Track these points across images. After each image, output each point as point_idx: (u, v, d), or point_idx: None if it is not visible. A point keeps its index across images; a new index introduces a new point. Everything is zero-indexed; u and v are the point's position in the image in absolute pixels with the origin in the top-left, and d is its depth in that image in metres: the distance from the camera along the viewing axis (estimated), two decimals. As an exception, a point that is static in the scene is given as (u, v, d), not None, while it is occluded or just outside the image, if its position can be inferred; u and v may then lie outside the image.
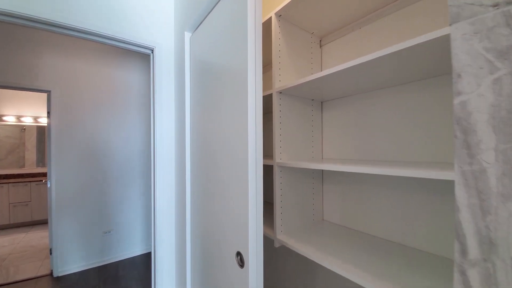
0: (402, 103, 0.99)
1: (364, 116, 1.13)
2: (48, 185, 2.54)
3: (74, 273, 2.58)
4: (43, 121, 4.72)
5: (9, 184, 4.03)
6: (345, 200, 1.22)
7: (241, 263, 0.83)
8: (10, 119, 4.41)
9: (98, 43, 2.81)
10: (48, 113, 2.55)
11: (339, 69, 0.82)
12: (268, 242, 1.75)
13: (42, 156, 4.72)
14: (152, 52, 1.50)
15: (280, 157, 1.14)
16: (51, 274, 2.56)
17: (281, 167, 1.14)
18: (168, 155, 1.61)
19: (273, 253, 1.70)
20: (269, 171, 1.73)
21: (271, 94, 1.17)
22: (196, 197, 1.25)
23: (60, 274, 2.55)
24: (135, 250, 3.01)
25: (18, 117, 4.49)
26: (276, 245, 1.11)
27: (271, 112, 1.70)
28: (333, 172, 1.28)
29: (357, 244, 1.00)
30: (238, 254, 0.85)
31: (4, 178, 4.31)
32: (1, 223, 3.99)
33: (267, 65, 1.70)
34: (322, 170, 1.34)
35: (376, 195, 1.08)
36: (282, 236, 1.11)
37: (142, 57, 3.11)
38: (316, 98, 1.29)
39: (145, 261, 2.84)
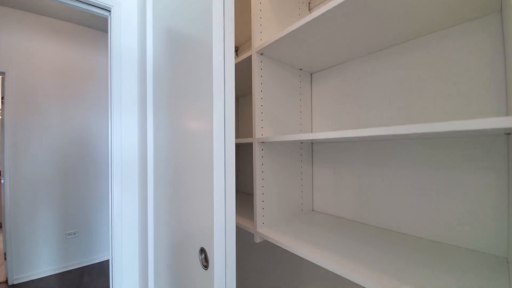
0: (414, 61, 0.81)
1: (363, 85, 0.95)
2: (2, 182, 2.21)
3: (32, 281, 2.26)
4: None
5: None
6: (340, 186, 1.04)
7: (206, 263, 0.62)
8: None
9: (60, 22, 2.50)
10: (2, 98, 2.23)
11: (333, 5, 0.63)
12: (248, 237, 1.55)
13: None
14: (109, 14, 1.25)
15: (262, 132, 0.93)
16: (6, 281, 2.23)
17: (263, 143, 0.93)
18: (130, 144, 1.37)
19: (254, 249, 1.50)
20: (250, 156, 1.53)
21: (250, 56, 0.96)
22: (160, 191, 1.02)
23: (16, 282, 2.22)
24: (104, 255, 2.68)
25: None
26: (257, 240, 0.90)
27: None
28: (326, 151, 1.09)
29: (359, 237, 0.82)
30: (202, 251, 0.64)
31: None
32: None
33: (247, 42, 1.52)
34: (312, 150, 1.15)
35: (383, 176, 0.89)
36: (263, 229, 0.90)
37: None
38: (305, 68, 1.10)
39: (117, 265, 2.55)
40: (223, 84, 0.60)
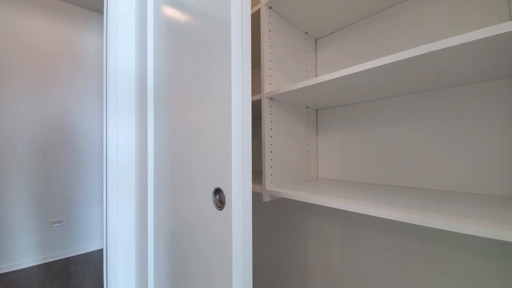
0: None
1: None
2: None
3: (14, 271, 2.10)
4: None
5: None
6: (346, 151, 1.03)
7: (220, 204, 0.58)
8: None
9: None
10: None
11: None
12: (255, 197, 1.51)
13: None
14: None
15: (270, 88, 0.91)
16: (-18, 275, 2.06)
17: (271, 100, 0.91)
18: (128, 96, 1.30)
19: (261, 209, 1.46)
20: (258, 133, 1.50)
21: (259, 10, 0.94)
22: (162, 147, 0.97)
23: (-6, 274, 2.06)
24: (92, 244, 2.54)
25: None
26: (265, 198, 0.87)
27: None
28: (331, 116, 1.08)
29: (372, 191, 0.81)
30: (217, 191, 0.60)
31: None
32: None
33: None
34: (317, 117, 1.14)
35: (391, 135, 0.89)
36: (272, 188, 0.88)
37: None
38: (311, 32, 1.09)
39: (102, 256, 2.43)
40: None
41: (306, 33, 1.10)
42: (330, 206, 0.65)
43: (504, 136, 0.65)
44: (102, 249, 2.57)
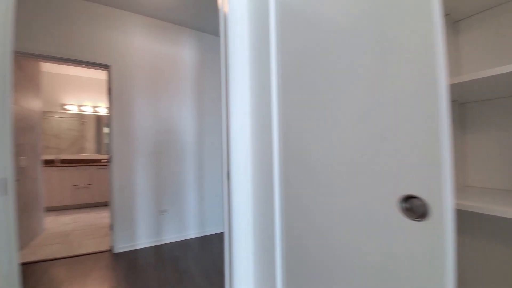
0: None
1: None
2: (111, 167, 2.54)
3: (132, 251, 2.54)
4: (101, 110, 5.00)
5: (72, 167, 4.32)
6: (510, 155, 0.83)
7: (412, 214, 0.52)
8: (71, 108, 4.74)
9: (154, 19, 2.76)
10: (109, 89, 2.56)
11: None
12: None
13: (99, 144, 5.01)
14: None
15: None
16: (110, 250, 2.57)
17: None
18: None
19: None
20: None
21: None
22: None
23: (119, 251, 2.53)
24: (189, 233, 2.93)
25: (78, 106, 4.81)
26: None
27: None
28: (485, 111, 0.89)
29: None
30: (407, 199, 0.54)
31: (68, 163, 4.66)
32: (65, 204, 4.28)
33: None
34: (464, 112, 0.96)
35: None
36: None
37: (194, 34, 3.00)
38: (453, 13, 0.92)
39: (199, 243, 2.72)
40: None
41: (447, 15, 0.94)
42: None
43: None
44: (196, 238, 2.91)
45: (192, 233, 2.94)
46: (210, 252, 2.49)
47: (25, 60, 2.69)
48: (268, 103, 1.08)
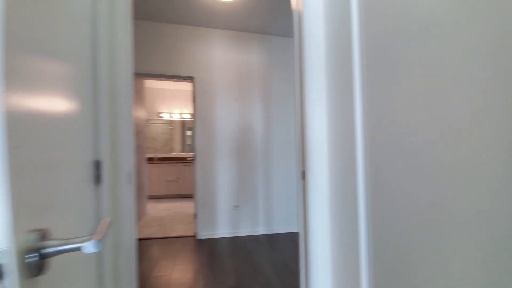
0: None
1: None
2: (195, 165, 2.94)
3: (212, 239, 2.86)
4: (185, 116, 5.86)
5: (165, 164, 5.23)
6: None
7: None
8: (164, 115, 5.74)
9: (229, 30, 3.03)
10: (193, 98, 2.96)
11: None
12: None
13: (183, 145, 5.88)
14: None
15: None
16: (194, 236, 2.96)
17: None
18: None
19: None
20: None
21: None
22: None
23: (201, 237, 2.89)
24: (258, 229, 3.09)
25: (170, 114, 5.77)
26: None
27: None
28: None
29: None
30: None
31: (162, 160, 5.66)
32: (161, 193, 5.22)
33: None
34: None
35: None
36: None
37: (261, 39, 3.12)
38: None
39: (268, 241, 2.82)
40: None
41: None
42: None
43: None
44: (265, 235, 3.04)
45: (261, 230, 3.09)
46: (280, 251, 2.53)
47: (135, 78, 3.43)
48: (350, 101, 1.01)
